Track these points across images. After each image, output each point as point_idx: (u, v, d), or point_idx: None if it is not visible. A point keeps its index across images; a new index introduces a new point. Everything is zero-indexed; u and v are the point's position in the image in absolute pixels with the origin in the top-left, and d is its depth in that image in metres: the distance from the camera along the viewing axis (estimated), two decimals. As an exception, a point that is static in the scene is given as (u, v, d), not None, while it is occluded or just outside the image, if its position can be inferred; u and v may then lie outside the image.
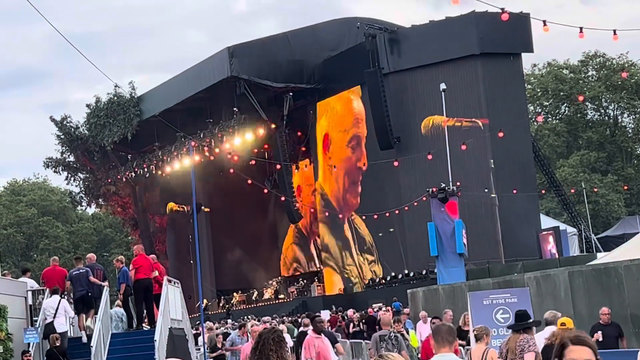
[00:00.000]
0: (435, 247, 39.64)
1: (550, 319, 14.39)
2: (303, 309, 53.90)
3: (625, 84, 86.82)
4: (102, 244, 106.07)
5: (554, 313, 14.48)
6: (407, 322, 26.91)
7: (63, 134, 71.41)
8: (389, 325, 18.45)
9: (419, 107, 56.11)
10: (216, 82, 59.56)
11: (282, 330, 10.44)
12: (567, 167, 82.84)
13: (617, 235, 60.70)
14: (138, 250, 25.18)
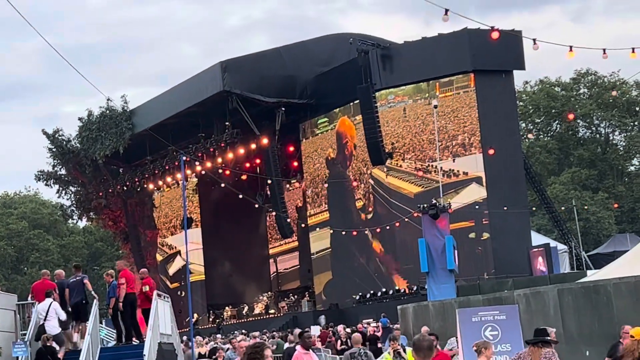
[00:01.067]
0: (425, 263, 39.59)
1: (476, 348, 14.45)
2: (293, 324, 53.83)
3: (616, 102, 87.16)
4: (93, 258, 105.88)
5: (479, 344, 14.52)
6: (401, 337, 26.81)
7: (55, 147, 71.40)
8: (359, 344, 19.40)
9: (411, 123, 56.24)
10: (209, 97, 59.62)
11: (265, 346, 10.39)
12: (558, 185, 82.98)
13: (608, 252, 60.76)
14: (122, 265, 25.19)
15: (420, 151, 56.22)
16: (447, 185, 53.02)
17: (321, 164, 62.92)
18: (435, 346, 15.60)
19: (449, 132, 55.05)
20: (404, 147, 57.07)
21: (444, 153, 54.84)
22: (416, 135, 56.61)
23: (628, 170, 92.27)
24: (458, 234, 46.39)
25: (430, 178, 55.26)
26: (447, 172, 54.69)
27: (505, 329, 15.76)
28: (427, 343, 9.45)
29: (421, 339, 9.60)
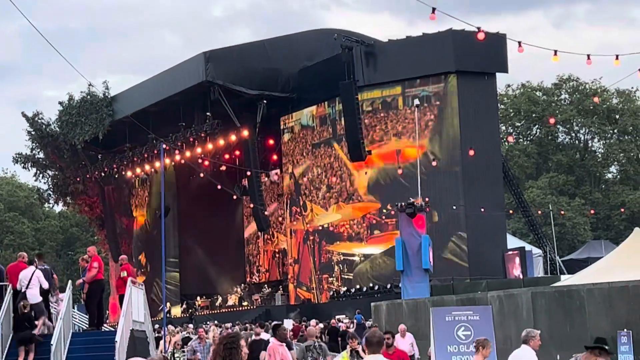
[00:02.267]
0: (401, 261, 39.72)
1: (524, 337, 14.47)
2: (266, 317, 53.84)
3: (597, 109, 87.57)
4: (68, 243, 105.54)
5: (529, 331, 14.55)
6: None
7: (34, 130, 71.04)
8: (314, 337, 20.54)
9: (392, 121, 56.33)
10: (191, 86, 59.48)
11: (240, 336, 10.44)
12: (536, 189, 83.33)
13: (582, 258, 61.09)
14: (94, 251, 25.10)
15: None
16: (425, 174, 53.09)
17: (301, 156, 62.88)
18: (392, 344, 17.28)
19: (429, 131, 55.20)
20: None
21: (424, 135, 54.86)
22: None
23: (605, 178, 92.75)
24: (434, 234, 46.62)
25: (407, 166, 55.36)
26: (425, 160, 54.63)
27: (478, 330, 15.81)
28: (377, 339, 10.67)
29: (371, 335, 10.85)
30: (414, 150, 53.78)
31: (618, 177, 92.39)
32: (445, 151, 54.27)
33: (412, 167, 53.12)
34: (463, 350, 15.73)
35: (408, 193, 48.98)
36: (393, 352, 18.05)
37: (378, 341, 10.74)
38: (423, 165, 52.62)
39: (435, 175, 53.52)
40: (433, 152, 54.55)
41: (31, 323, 22.17)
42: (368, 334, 11.44)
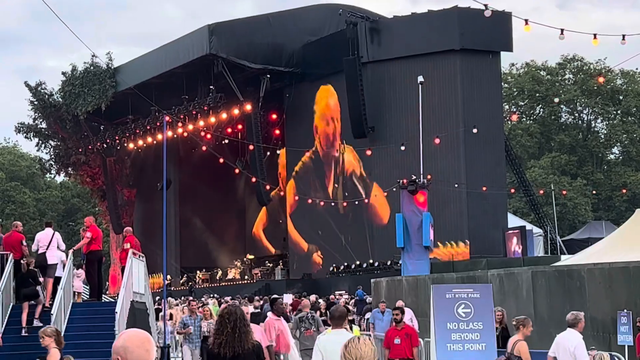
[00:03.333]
0: (402, 238, 39.74)
1: (572, 320, 14.52)
2: (266, 291, 53.98)
3: (600, 89, 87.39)
4: (69, 213, 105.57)
5: (575, 314, 14.61)
6: (386, 312, 26.89)
7: (37, 100, 70.98)
8: (308, 308, 22.71)
9: (396, 98, 56.23)
10: (194, 59, 59.43)
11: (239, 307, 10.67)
12: (538, 168, 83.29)
13: (582, 239, 61.13)
14: (91, 221, 25.11)
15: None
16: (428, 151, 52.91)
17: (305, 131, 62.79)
18: (401, 320, 18.37)
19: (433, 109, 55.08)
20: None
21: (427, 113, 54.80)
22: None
23: (608, 158, 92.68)
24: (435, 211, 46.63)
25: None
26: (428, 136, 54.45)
27: (478, 308, 15.79)
28: (339, 313, 11.40)
29: (335, 309, 11.64)
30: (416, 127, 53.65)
31: (620, 158, 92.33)
32: (448, 129, 54.16)
33: (414, 145, 53.03)
34: (463, 327, 15.71)
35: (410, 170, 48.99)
36: (402, 327, 18.17)
37: (340, 315, 11.37)
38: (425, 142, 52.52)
39: (437, 153, 53.45)
40: (436, 129, 54.43)
41: (35, 280, 22.47)
42: (332, 308, 12.17)
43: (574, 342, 13.91)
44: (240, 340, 10.10)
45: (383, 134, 56.19)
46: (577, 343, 13.91)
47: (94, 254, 24.23)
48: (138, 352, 5.34)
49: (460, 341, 15.73)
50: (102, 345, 19.65)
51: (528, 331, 14.29)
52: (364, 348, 5.91)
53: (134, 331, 5.51)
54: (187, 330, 23.57)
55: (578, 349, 13.85)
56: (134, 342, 5.38)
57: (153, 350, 5.41)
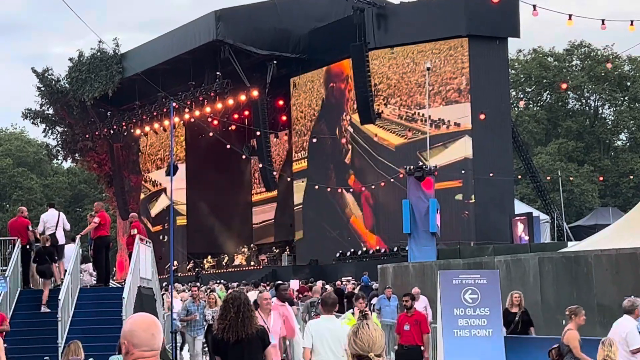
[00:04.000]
0: (408, 224, 39.68)
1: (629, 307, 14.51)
2: (273, 277, 54.03)
3: (608, 75, 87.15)
4: (76, 199, 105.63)
5: (632, 301, 14.59)
6: (392, 298, 26.85)
7: (44, 86, 71.07)
8: (318, 294, 24.49)
9: (403, 84, 56.17)
10: (201, 45, 59.46)
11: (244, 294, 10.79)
12: (545, 155, 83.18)
13: (589, 225, 60.96)
14: (100, 207, 25.17)
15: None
16: (435, 137, 52.83)
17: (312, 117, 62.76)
18: (411, 307, 18.47)
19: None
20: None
21: (435, 99, 54.67)
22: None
23: (615, 145, 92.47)
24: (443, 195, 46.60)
25: (416, 128, 55.14)
26: (435, 122, 54.47)
27: (485, 293, 15.80)
28: (331, 300, 11.91)
29: (327, 296, 12.22)
30: (423, 113, 53.64)
31: (627, 145, 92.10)
32: (455, 115, 54.13)
33: (421, 130, 53.02)
34: (469, 313, 15.72)
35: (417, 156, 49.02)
36: (412, 314, 18.20)
37: (332, 303, 11.86)
38: (433, 128, 52.49)
39: (444, 139, 53.46)
40: (443, 115, 54.41)
41: (52, 257, 22.83)
42: (323, 295, 12.94)
43: (627, 329, 13.93)
44: (244, 325, 10.13)
45: (390, 120, 56.14)
46: (630, 330, 13.91)
47: (102, 239, 24.28)
48: (144, 336, 5.36)
49: (467, 327, 15.74)
50: (110, 331, 19.72)
51: (580, 320, 14.25)
52: (375, 333, 5.90)
53: (141, 315, 5.53)
54: (191, 317, 22.88)
55: (630, 335, 13.87)
56: (140, 326, 5.40)
57: (159, 335, 5.42)
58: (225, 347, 10.21)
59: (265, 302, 13.56)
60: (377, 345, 5.87)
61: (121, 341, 5.44)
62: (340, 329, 11.59)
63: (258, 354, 10.35)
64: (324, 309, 11.90)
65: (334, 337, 11.42)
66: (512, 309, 18.22)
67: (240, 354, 10.18)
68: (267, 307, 13.50)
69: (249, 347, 10.21)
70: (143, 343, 5.33)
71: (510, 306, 18.29)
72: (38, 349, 19.43)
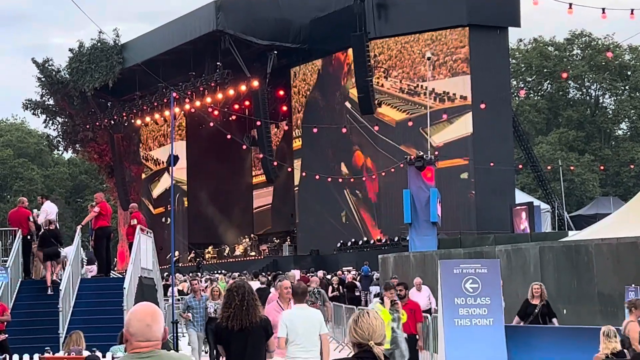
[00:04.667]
0: (409, 214, 39.73)
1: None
2: (273, 267, 54.09)
3: (609, 65, 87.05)
4: (77, 190, 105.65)
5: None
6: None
7: (44, 76, 71.07)
8: (315, 284, 24.51)
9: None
10: (201, 35, 59.43)
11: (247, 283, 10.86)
12: (545, 144, 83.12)
13: (590, 214, 60.96)
14: (101, 198, 25.17)
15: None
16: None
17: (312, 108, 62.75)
18: (405, 296, 18.38)
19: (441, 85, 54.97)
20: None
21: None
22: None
23: (616, 134, 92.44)
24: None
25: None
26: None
27: (486, 283, 15.80)
28: (302, 290, 12.08)
29: (297, 286, 12.32)
30: (424, 103, 53.61)
31: (628, 134, 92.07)
32: (455, 105, 54.10)
33: (422, 120, 52.97)
34: (470, 302, 15.72)
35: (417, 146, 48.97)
36: (405, 303, 18.15)
37: (303, 292, 12.04)
38: (433, 118, 52.46)
39: (445, 129, 53.44)
40: (443, 105, 54.38)
41: (58, 240, 23.24)
42: (293, 285, 12.80)
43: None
44: (248, 314, 10.15)
45: (390, 110, 56.11)
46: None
47: (103, 230, 24.29)
48: (138, 326, 5.37)
49: (467, 316, 15.75)
50: (110, 321, 19.76)
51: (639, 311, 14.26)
52: (375, 322, 5.92)
53: (141, 305, 5.54)
54: (185, 315, 21.28)
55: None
56: (136, 315, 5.42)
57: (156, 325, 5.39)
58: (228, 335, 10.22)
59: (286, 290, 13.22)
60: (378, 334, 5.88)
61: (123, 330, 5.48)
62: (313, 317, 11.77)
63: (261, 343, 10.36)
64: (295, 298, 12.08)
65: (307, 326, 11.54)
66: (532, 300, 17.88)
67: (243, 343, 10.19)
68: (287, 296, 13.21)
69: (252, 336, 10.22)
70: (138, 333, 5.35)
71: (531, 298, 17.94)
72: (39, 339, 19.43)
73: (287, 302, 13.16)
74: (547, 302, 17.97)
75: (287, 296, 13.11)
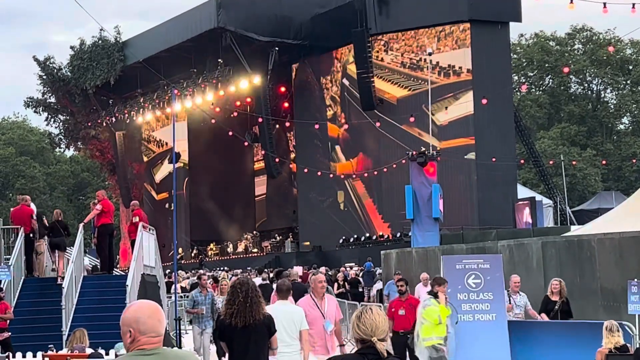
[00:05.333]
0: (411, 210, 39.71)
1: None
2: (276, 264, 54.09)
3: (610, 59, 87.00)
4: (79, 188, 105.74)
5: None
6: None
7: (45, 74, 71.03)
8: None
9: (405, 70, 56.10)
10: (202, 32, 59.36)
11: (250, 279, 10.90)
12: (547, 139, 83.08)
13: (592, 209, 60.97)
14: (103, 195, 25.18)
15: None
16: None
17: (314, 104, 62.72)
18: (405, 292, 18.49)
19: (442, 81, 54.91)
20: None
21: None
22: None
23: (617, 129, 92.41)
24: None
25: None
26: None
27: (488, 278, 15.84)
28: (286, 287, 12.12)
29: (281, 283, 12.39)
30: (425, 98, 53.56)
31: (630, 128, 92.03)
32: (457, 100, 54.04)
33: (423, 116, 52.93)
34: (473, 297, 15.76)
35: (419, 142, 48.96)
36: (406, 299, 18.15)
37: (287, 289, 12.10)
38: (435, 113, 52.45)
39: (446, 124, 53.40)
40: (445, 100, 54.31)
41: (67, 230, 24.15)
42: (278, 282, 13.09)
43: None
44: (252, 311, 10.16)
45: (392, 106, 56.08)
46: None
47: (106, 227, 24.28)
48: (151, 323, 5.36)
49: (470, 311, 15.79)
50: (114, 318, 19.63)
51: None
52: (378, 318, 5.93)
53: (144, 302, 5.54)
54: (196, 310, 20.80)
55: None
56: (145, 312, 5.40)
57: (164, 320, 5.44)
58: (232, 332, 10.22)
59: (320, 285, 12.91)
60: (380, 330, 5.89)
61: (124, 329, 5.43)
62: (295, 313, 11.84)
63: (264, 340, 10.37)
64: (279, 295, 12.16)
65: (289, 321, 11.60)
66: (552, 297, 17.63)
67: (246, 339, 10.20)
68: (321, 291, 12.92)
69: (256, 333, 10.23)
70: (150, 329, 5.35)
71: (550, 294, 17.70)
72: (42, 337, 19.45)
73: (320, 297, 12.90)
74: (566, 300, 17.64)
75: (322, 290, 12.88)
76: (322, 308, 12.75)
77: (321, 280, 12.96)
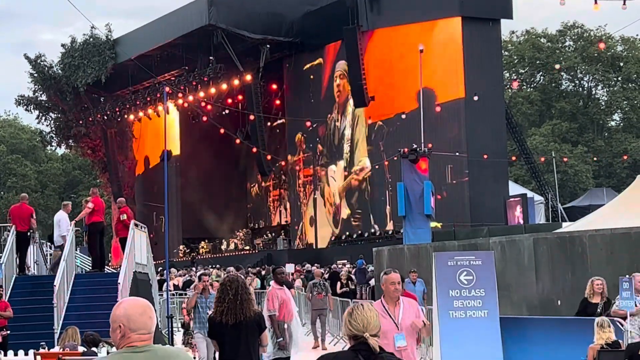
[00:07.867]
0: (403, 207, 39.70)
1: None
2: (268, 261, 54.09)
3: (601, 56, 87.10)
4: (70, 186, 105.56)
5: None
6: (418, 282, 26.40)
7: (36, 72, 70.95)
8: (319, 276, 28.22)
9: (396, 67, 56.08)
10: (193, 30, 59.34)
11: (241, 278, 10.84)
12: (539, 136, 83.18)
13: (584, 206, 61.02)
14: (95, 193, 25.19)
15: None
16: None
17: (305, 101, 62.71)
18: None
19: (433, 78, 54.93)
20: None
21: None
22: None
23: (608, 125, 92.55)
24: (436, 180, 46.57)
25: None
26: None
27: (480, 275, 15.80)
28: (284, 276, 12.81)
29: (280, 271, 13.86)
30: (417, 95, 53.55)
31: (621, 125, 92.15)
32: (448, 97, 54.05)
33: (415, 113, 52.94)
34: (465, 294, 15.73)
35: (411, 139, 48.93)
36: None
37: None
38: (426, 110, 52.46)
39: (438, 121, 53.38)
40: (436, 98, 54.32)
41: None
42: (277, 270, 14.58)
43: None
44: (242, 308, 10.18)
45: (384, 103, 56.08)
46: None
47: (96, 225, 24.29)
48: (142, 320, 5.36)
49: (462, 308, 15.75)
50: (105, 316, 19.59)
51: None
52: (369, 314, 5.94)
53: (134, 299, 5.54)
54: (188, 317, 19.81)
55: None
56: (136, 309, 5.40)
57: (154, 317, 5.45)
58: (222, 330, 10.24)
59: (393, 287, 10.15)
60: (372, 326, 5.90)
61: (114, 326, 5.43)
62: None
63: (255, 337, 10.38)
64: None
65: None
66: (592, 298, 16.17)
67: (237, 337, 10.21)
68: (395, 295, 10.21)
69: (246, 331, 10.24)
70: (141, 327, 5.35)
71: (590, 295, 16.22)
72: (34, 335, 19.44)
73: (394, 303, 10.22)
74: (608, 300, 16.11)
75: (395, 294, 10.18)
76: (396, 317, 10.10)
77: (394, 280, 10.19)
